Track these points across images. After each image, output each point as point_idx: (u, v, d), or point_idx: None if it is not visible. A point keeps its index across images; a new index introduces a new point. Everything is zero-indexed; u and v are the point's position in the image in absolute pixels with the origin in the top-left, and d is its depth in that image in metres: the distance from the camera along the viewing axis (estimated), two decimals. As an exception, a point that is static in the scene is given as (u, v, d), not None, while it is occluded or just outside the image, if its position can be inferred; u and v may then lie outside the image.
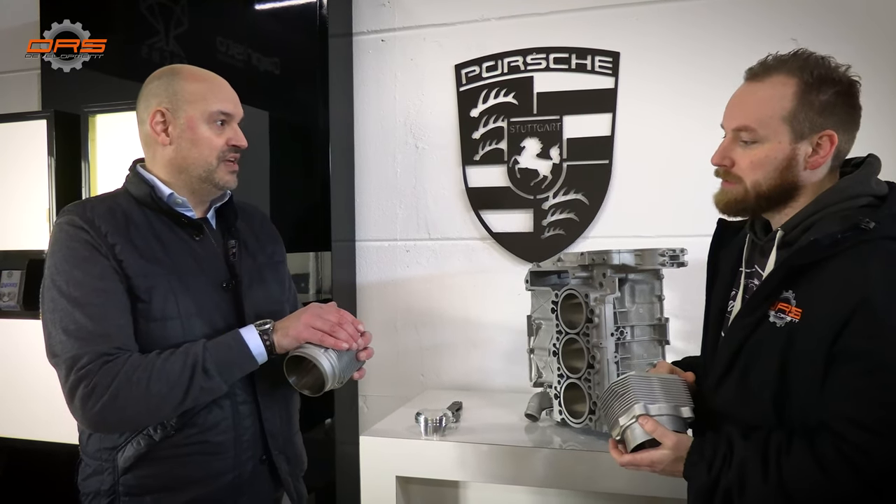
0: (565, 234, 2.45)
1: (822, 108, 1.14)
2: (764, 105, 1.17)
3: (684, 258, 1.82)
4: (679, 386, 1.29)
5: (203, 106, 1.40)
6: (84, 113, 2.35)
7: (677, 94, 2.34)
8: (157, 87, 1.42)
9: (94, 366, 1.25)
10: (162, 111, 1.40)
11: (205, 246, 1.44)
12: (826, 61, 1.17)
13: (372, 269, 2.69)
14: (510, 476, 1.83)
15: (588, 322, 1.84)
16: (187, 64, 1.50)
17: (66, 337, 1.27)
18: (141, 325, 1.33)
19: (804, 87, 1.15)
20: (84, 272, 1.30)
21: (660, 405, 1.23)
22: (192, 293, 1.38)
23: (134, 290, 1.33)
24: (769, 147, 1.17)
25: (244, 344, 1.33)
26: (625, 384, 1.26)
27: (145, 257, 1.35)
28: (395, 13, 2.63)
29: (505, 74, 2.50)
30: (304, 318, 1.38)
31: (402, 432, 1.95)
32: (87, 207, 1.38)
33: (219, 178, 1.43)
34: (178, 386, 1.28)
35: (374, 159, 2.67)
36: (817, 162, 1.16)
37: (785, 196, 1.19)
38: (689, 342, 2.33)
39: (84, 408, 1.26)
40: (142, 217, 1.39)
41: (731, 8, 2.29)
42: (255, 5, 2.54)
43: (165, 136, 1.40)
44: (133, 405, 1.27)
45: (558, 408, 1.96)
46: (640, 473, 1.72)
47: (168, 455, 1.35)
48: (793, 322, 1.12)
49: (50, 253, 1.34)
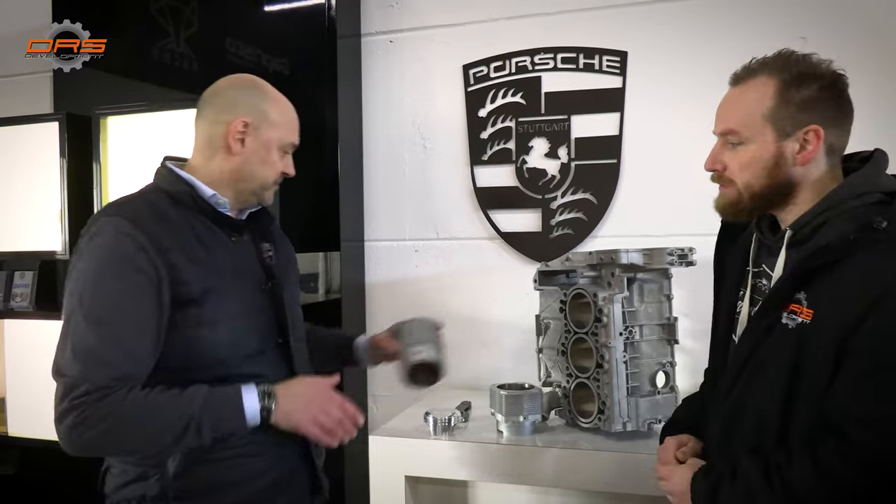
0: (574, 233, 2.45)
1: (804, 104, 1.15)
2: (746, 107, 1.20)
3: (693, 257, 1.82)
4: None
5: (282, 133, 1.46)
6: (95, 115, 2.37)
7: (685, 93, 2.33)
8: (246, 98, 1.43)
9: (91, 398, 1.22)
10: (247, 122, 1.41)
11: (242, 248, 1.46)
12: (807, 58, 1.18)
13: (381, 268, 2.70)
14: (519, 475, 1.83)
15: (597, 321, 1.84)
16: (254, 77, 1.50)
17: (72, 356, 1.25)
18: (192, 331, 1.32)
19: (783, 85, 1.16)
20: (113, 286, 1.27)
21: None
22: (236, 295, 1.39)
23: (188, 295, 1.31)
24: (755, 147, 1.19)
25: (242, 409, 1.31)
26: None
27: (193, 260, 1.34)
28: (404, 14, 2.64)
29: (513, 74, 2.50)
30: (312, 410, 1.37)
31: (411, 432, 1.96)
32: (135, 209, 1.34)
33: (266, 196, 1.48)
34: (168, 437, 1.27)
35: (382, 159, 2.67)
36: (806, 158, 1.16)
37: (781, 194, 1.19)
38: (699, 341, 2.33)
39: (70, 435, 1.24)
40: (180, 217, 1.37)
41: (738, 7, 2.28)
42: (264, 6, 2.56)
43: (240, 146, 1.41)
44: (119, 444, 1.29)
45: (567, 407, 1.96)
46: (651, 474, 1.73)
47: (219, 458, 1.36)
48: (804, 323, 1.11)
49: (83, 254, 1.30)
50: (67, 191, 2.44)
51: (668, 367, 1.89)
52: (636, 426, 1.82)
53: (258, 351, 1.42)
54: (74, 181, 2.45)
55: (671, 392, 1.87)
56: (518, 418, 1.90)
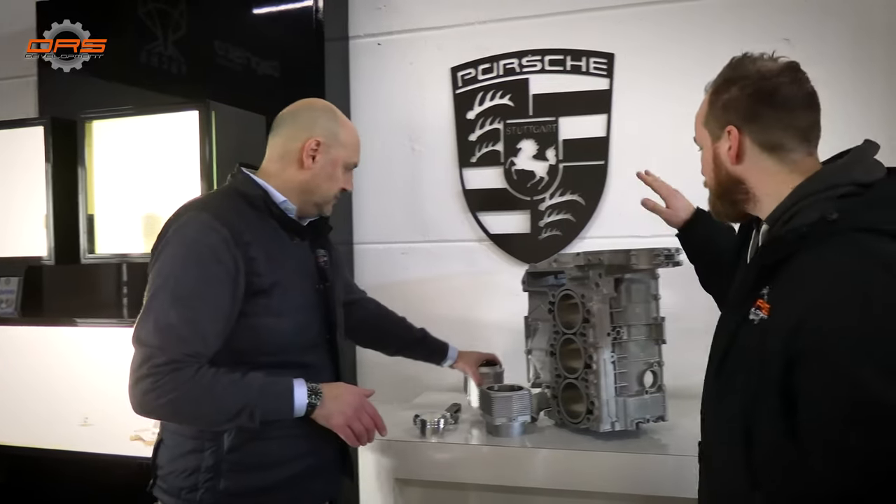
0: (562, 234, 2.46)
1: (724, 106, 1.20)
2: (697, 116, 1.29)
3: (679, 258, 1.83)
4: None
5: (349, 154, 1.66)
6: (81, 119, 2.35)
7: (672, 94, 2.35)
8: (322, 120, 1.62)
9: (166, 368, 1.36)
10: (319, 142, 1.59)
11: (302, 251, 1.62)
12: (744, 61, 1.21)
13: (370, 271, 2.69)
14: (509, 477, 1.83)
15: (584, 322, 1.84)
16: (329, 103, 1.69)
17: (154, 329, 1.38)
18: (258, 319, 1.47)
19: (714, 91, 1.23)
20: (196, 273, 1.42)
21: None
22: (299, 292, 1.56)
23: (260, 286, 1.46)
24: (704, 152, 1.28)
25: (292, 401, 1.46)
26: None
27: (268, 255, 1.49)
28: (391, 16, 2.64)
29: (501, 77, 2.51)
30: (348, 413, 1.53)
31: (400, 434, 1.95)
32: (219, 206, 1.50)
33: (326, 208, 1.67)
34: (224, 416, 1.41)
35: (371, 162, 2.67)
36: (732, 156, 1.20)
37: (733, 192, 1.23)
38: (688, 341, 2.33)
39: (143, 398, 1.37)
40: (256, 218, 1.53)
41: (725, 9, 2.30)
42: (252, 10, 2.55)
43: (311, 162, 1.59)
44: (182, 415, 1.43)
45: (556, 408, 1.96)
46: (640, 473, 1.73)
47: (270, 437, 1.49)
48: (764, 319, 1.10)
49: (171, 242, 1.44)
50: (53, 196, 2.42)
51: (656, 366, 1.89)
52: (624, 426, 1.82)
53: (312, 343, 1.59)
54: (60, 186, 2.43)
55: (659, 392, 1.87)
56: (507, 420, 1.90)
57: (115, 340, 2.45)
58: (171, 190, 2.28)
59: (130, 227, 2.40)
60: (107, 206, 2.41)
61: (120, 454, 2.34)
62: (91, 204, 2.37)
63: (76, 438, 2.48)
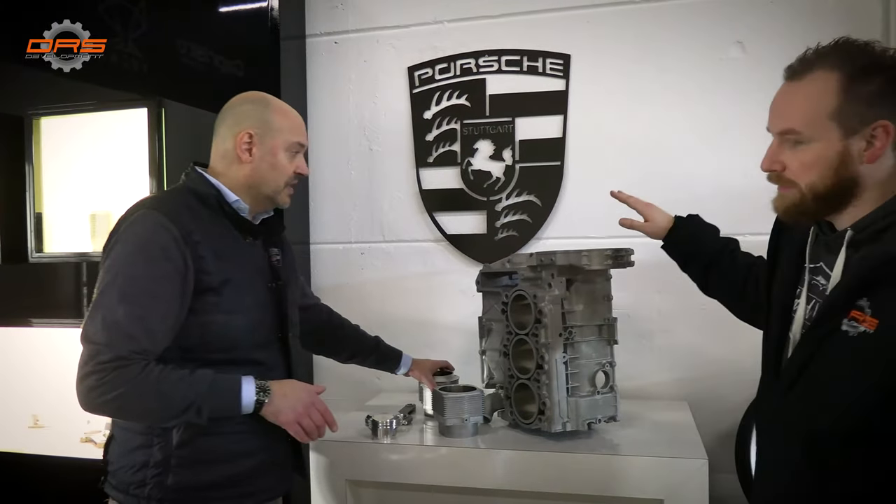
0: (518, 235, 2.46)
1: (871, 99, 1.07)
2: (807, 105, 1.12)
3: (630, 258, 1.84)
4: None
5: (286, 137, 1.61)
6: (28, 115, 2.30)
7: (627, 95, 2.37)
8: (250, 112, 1.59)
9: (112, 365, 1.36)
10: (251, 133, 1.57)
11: (255, 249, 1.63)
12: (870, 47, 1.10)
13: (327, 271, 2.68)
14: (460, 478, 1.82)
15: (537, 322, 1.85)
16: (263, 93, 1.66)
17: (101, 326, 1.38)
18: (208, 317, 1.47)
19: (847, 79, 1.08)
20: (145, 271, 1.42)
21: None
22: (251, 290, 1.57)
23: (209, 283, 1.47)
24: (819, 147, 1.11)
25: (239, 399, 1.47)
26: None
27: (219, 254, 1.50)
28: (349, 15, 2.62)
29: (458, 77, 2.50)
30: (298, 411, 1.54)
31: (352, 435, 1.94)
32: (171, 204, 1.50)
33: (280, 199, 1.64)
34: (171, 413, 1.41)
35: (328, 162, 2.66)
36: (874, 155, 1.08)
37: (845, 195, 1.12)
38: (642, 342, 2.37)
39: (87, 395, 1.38)
40: (208, 216, 1.54)
41: (678, 11, 2.32)
42: (209, 8, 2.50)
43: (248, 156, 1.58)
44: (128, 411, 1.43)
45: (509, 409, 1.97)
46: (591, 474, 1.74)
47: (220, 432, 1.50)
48: (867, 332, 1.03)
49: (122, 240, 1.44)
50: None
51: (608, 367, 1.90)
52: (576, 426, 1.83)
53: (264, 341, 1.59)
54: (6, 182, 2.37)
55: (611, 392, 1.89)
56: (459, 420, 1.90)
57: (68, 341, 2.39)
58: (122, 188, 2.24)
59: (81, 225, 2.35)
60: (56, 204, 2.36)
61: (71, 456, 2.31)
62: (39, 202, 2.32)
63: (26, 440, 2.45)
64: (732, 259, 1.59)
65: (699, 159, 2.31)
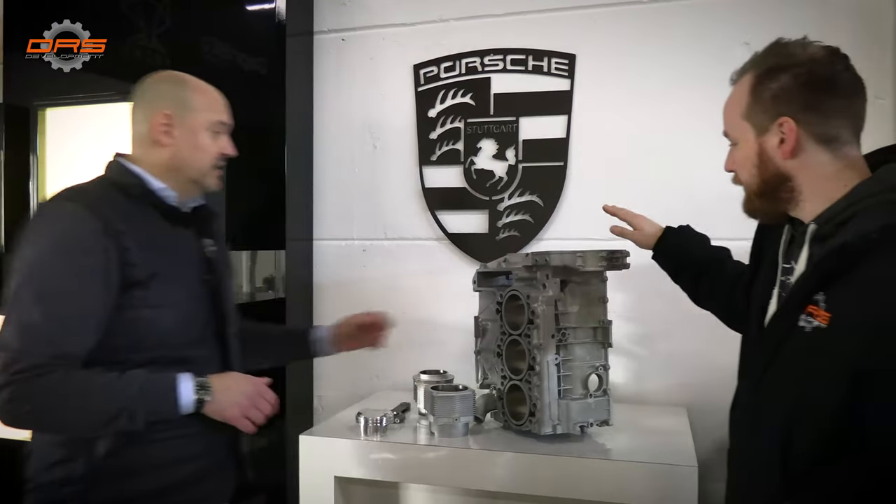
0: (520, 235, 2.44)
1: (775, 97, 1.11)
2: (731, 108, 1.19)
3: (626, 260, 1.81)
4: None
5: (206, 116, 1.50)
6: (34, 106, 2.33)
7: (632, 96, 2.34)
8: (165, 91, 1.49)
9: (28, 374, 1.25)
10: (168, 114, 1.46)
11: (186, 239, 1.52)
12: (788, 46, 1.13)
13: (329, 268, 2.67)
14: (448, 478, 1.81)
15: (529, 323, 1.83)
16: (178, 71, 1.55)
17: (15, 331, 1.27)
18: (135, 313, 1.37)
19: (756, 80, 1.14)
20: (63, 267, 1.31)
21: None
22: (182, 283, 1.46)
23: (135, 277, 1.36)
24: (743, 147, 1.17)
25: (177, 399, 1.35)
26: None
27: (144, 246, 1.38)
28: (355, 12, 2.62)
29: (463, 75, 2.49)
30: (244, 404, 1.42)
31: (342, 432, 1.93)
32: (90, 195, 1.39)
33: (208, 182, 1.53)
34: (100, 421, 1.31)
35: (332, 158, 2.65)
36: (787, 151, 1.11)
37: (778, 190, 1.14)
38: (639, 345, 2.34)
39: (3, 409, 1.27)
40: (133, 207, 1.42)
41: (685, 11, 2.29)
42: (216, 4, 2.52)
43: (167, 138, 1.47)
44: (49, 424, 1.33)
45: (502, 409, 1.95)
46: (580, 478, 1.72)
47: (151, 440, 1.38)
48: (820, 327, 1.03)
49: (35, 236, 1.34)
50: (4, 182, 2.39)
51: (602, 370, 1.87)
52: (567, 429, 1.80)
53: (198, 337, 1.48)
54: (11, 172, 2.40)
55: (604, 395, 1.86)
56: (450, 420, 1.89)
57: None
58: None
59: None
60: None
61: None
62: (42, 191, 2.35)
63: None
64: (722, 268, 1.58)
65: (704, 161, 2.25)
